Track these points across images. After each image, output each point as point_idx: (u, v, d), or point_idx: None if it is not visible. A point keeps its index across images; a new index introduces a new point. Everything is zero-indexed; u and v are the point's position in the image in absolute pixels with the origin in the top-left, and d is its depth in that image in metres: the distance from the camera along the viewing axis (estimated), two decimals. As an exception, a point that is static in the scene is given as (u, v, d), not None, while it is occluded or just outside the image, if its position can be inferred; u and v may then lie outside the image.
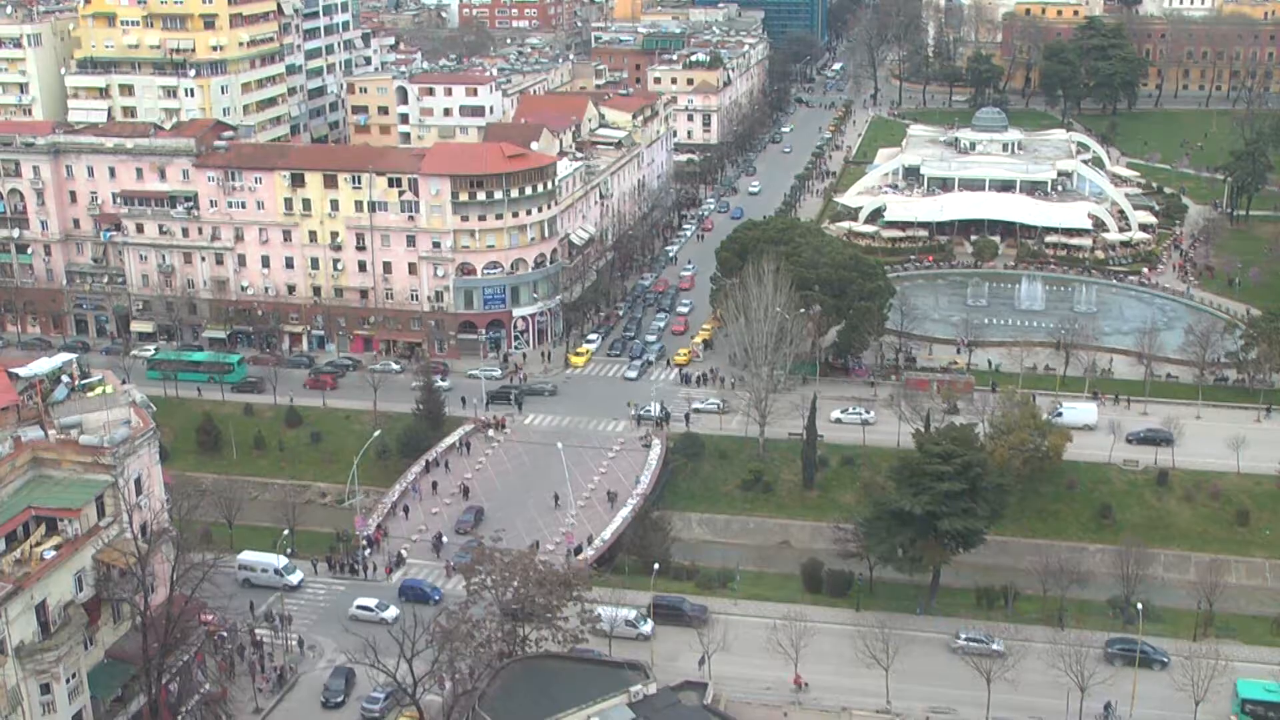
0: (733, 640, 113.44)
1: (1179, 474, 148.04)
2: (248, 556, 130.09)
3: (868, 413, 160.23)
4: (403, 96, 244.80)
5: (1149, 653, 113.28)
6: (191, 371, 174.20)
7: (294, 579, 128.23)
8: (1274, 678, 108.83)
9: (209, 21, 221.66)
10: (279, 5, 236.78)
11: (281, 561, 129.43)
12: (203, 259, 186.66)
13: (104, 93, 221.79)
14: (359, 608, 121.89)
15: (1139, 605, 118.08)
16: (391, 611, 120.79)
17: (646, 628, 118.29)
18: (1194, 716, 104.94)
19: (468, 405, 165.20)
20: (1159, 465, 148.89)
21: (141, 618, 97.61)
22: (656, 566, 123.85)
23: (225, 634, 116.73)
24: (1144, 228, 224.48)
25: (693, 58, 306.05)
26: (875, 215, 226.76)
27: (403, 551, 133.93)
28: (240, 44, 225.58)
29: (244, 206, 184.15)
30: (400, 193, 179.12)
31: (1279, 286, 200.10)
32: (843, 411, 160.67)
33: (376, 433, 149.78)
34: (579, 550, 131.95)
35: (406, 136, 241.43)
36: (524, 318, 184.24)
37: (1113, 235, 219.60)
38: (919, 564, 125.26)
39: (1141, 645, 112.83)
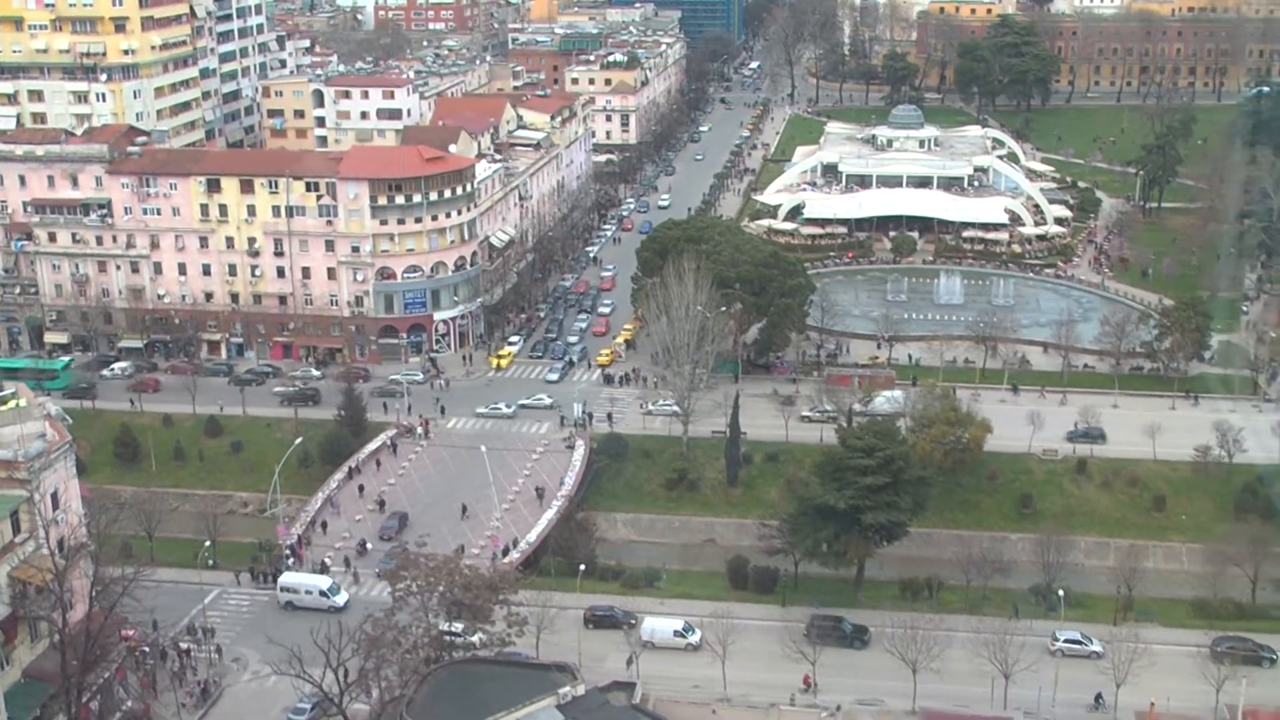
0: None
1: (1097, 462, 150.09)
2: (291, 579, 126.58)
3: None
4: (319, 100, 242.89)
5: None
6: (12, 379, 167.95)
7: (340, 600, 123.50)
8: (1192, 660, 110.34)
9: (120, 24, 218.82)
10: (191, 8, 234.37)
11: (326, 582, 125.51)
12: (118, 267, 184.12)
13: (12, 99, 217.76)
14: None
15: (1060, 592, 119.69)
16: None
17: (695, 637, 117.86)
18: (1115, 699, 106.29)
19: (389, 410, 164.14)
20: (1078, 454, 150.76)
21: (60, 635, 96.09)
22: (583, 568, 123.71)
23: (147, 649, 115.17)
24: (1059, 222, 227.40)
25: (610, 58, 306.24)
26: (794, 213, 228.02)
27: (326, 560, 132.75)
28: (152, 47, 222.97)
29: (159, 213, 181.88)
30: (318, 197, 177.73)
31: (1191, 277, 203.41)
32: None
33: (298, 440, 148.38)
34: (506, 552, 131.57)
35: (323, 140, 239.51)
36: (445, 321, 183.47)
37: (1029, 229, 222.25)
38: (844, 558, 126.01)
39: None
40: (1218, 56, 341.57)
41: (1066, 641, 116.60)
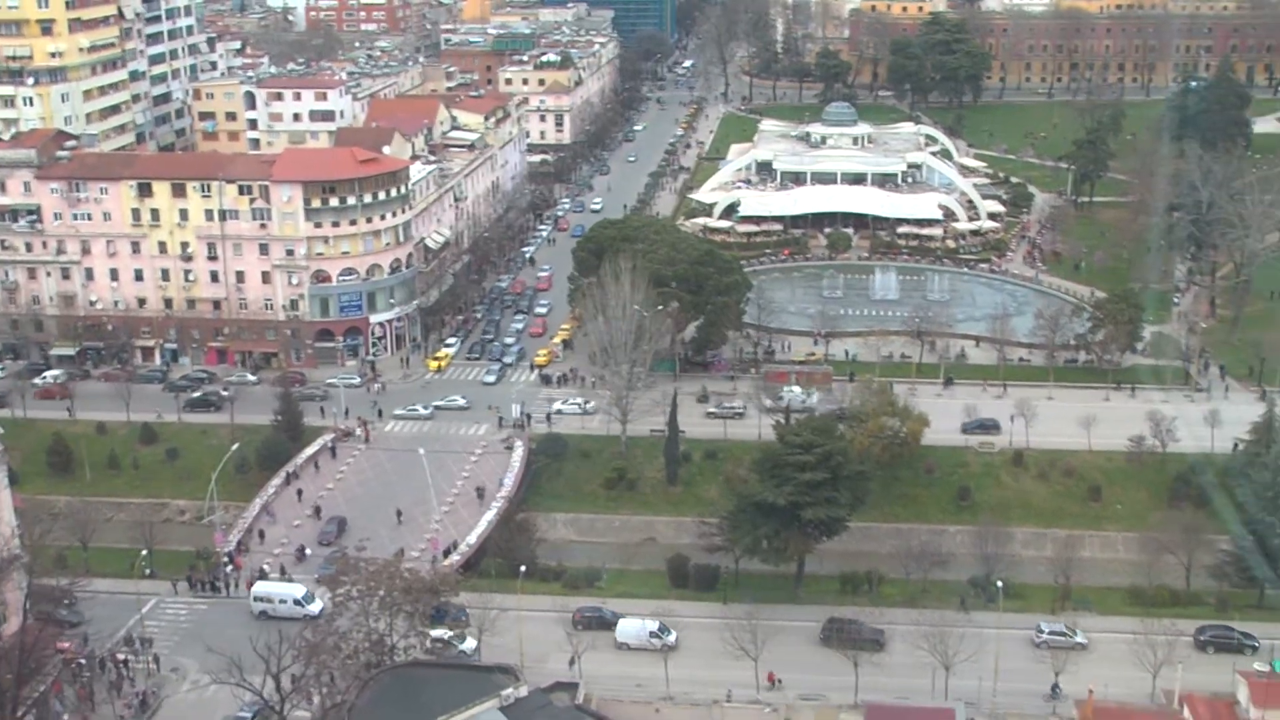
0: (602, 639, 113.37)
1: (1033, 454, 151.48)
2: (265, 588, 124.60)
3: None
4: (250, 102, 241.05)
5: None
6: None
7: (315, 608, 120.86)
8: (1129, 647, 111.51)
9: (46, 27, 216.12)
10: (119, 10, 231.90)
11: (301, 591, 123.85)
12: (48, 274, 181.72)
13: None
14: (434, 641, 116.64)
15: (999, 583, 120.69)
16: (470, 643, 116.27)
17: (671, 638, 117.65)
18: (1055, 687, 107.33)
19: (327, 414, 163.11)
20: (1014, 446, 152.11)
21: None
22: (523, 569, 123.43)
23: (84, 661, 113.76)
24: (992, 217, 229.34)
25: (543, 58, 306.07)
26: (730, 210, 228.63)
27: (265, 566, 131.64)
28: (80, 50, 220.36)
29: (90, 218, 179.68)
30: (251, 200, 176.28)
31: (1122, 270, 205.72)
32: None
33: (234, 446, 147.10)
34: (447, 554, 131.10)
35: (256, 143, 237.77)
36: (381, 324, 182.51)
37: (962, 225, 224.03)
38: (784, 554, 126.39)
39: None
40: (1145, 52, 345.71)
41: (1051, 633, 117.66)
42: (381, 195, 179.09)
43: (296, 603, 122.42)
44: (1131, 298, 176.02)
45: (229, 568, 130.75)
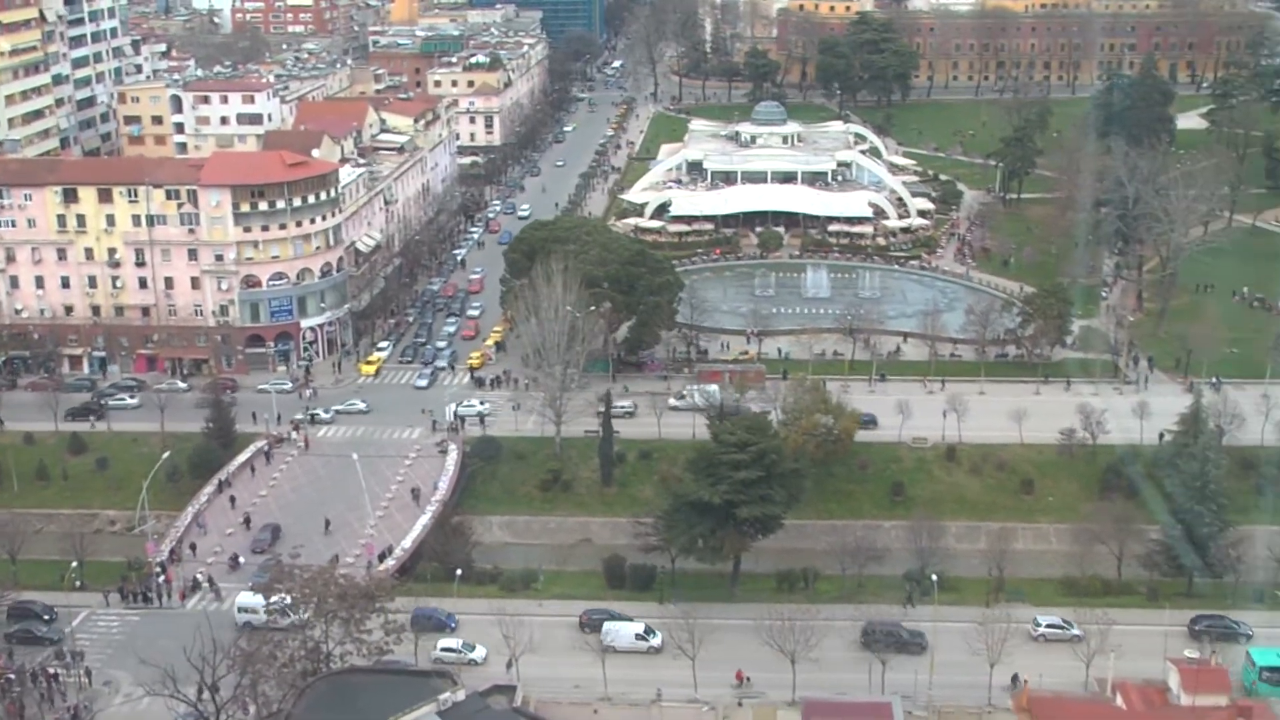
0: (540, 641, 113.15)
1: (966, 448, 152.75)
2: (249, 599, 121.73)
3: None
4: (177, 105, 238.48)
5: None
6: None
7: (477, 654, 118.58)
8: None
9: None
10: (41, 12, 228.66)
11: (287, 600, 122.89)
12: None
13: None
14: (443, 649, 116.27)
15: (934, 577, 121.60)
16: (480, 651, 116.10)
17: (657, 640, 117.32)
18: (990, 678, 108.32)
19: (259, 420, 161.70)
20: (946, 441, 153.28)
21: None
22: (459, 572, 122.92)
23: (13, 675, 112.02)
24: (922, 214, 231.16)
25: (472, 60, 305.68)
26: (661, 210, 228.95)
27: (198, 576, 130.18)
28: (1, 54, 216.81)
29: (14, 225, 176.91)
30: (179, 205, 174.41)
31: (1051, 265, 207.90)
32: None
33: (165, 454, 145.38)
34: (382, 559, 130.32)
35: (183, 147, 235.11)
36: (313, 328, 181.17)
37: (893, 222, 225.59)
38: (720, 553, 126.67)
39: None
40: (1070, 51, 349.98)
41: (1049, 626, 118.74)
42: (311, 199, 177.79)
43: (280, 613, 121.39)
44: (1060, 292, 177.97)
45: (161, 578, 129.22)
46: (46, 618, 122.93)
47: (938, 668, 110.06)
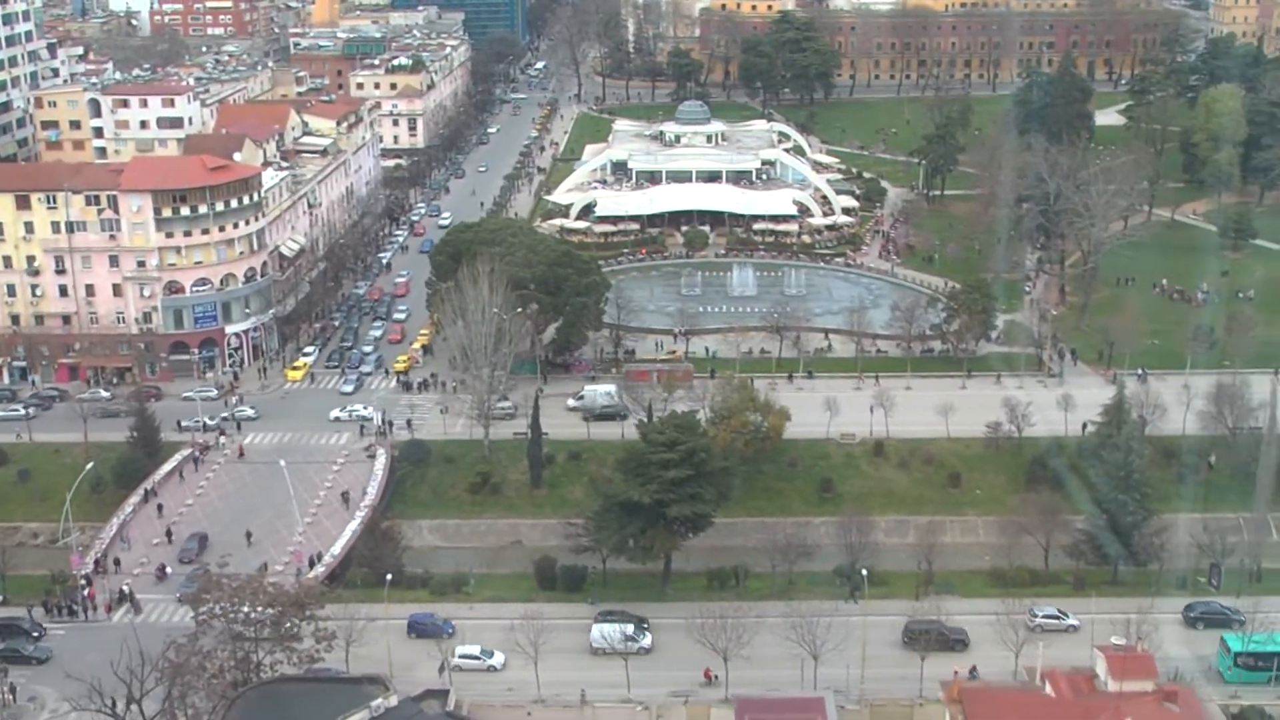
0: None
1: (893, 443, 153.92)
2: None
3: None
4: (95, 109, 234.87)
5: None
6: None
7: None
8: (991, 628, 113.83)
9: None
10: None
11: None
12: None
13: None
14: (462, 656, 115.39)
15: (864, 572, 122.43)
16: (499, 658, 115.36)
17: (646, 640, 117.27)
18: (920, 671, 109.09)
19: (184, 429, 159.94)
20: (874, 437, 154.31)
21: None
22: (390, 577, 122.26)
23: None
24: (847, 211, 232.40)
25: (395, 62, 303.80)
26: (586, 211, 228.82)
27: (125, 587, 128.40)
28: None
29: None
30: (99, 211, 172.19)
31: (975, 260, 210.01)
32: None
33: (89, 465, 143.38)
34: (312, 565, 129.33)
35: (102, 151, 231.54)
36: (237, 334, 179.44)
37: (817, 220, 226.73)
38: (650, 552, 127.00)
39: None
40: (990, 49, 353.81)
41: (1045, 617, 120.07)
42: (234, 203, 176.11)
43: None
44: (984, 288, 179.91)
45: (87, 590, 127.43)
46: (35, 634, 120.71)
47: (869, 661, 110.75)
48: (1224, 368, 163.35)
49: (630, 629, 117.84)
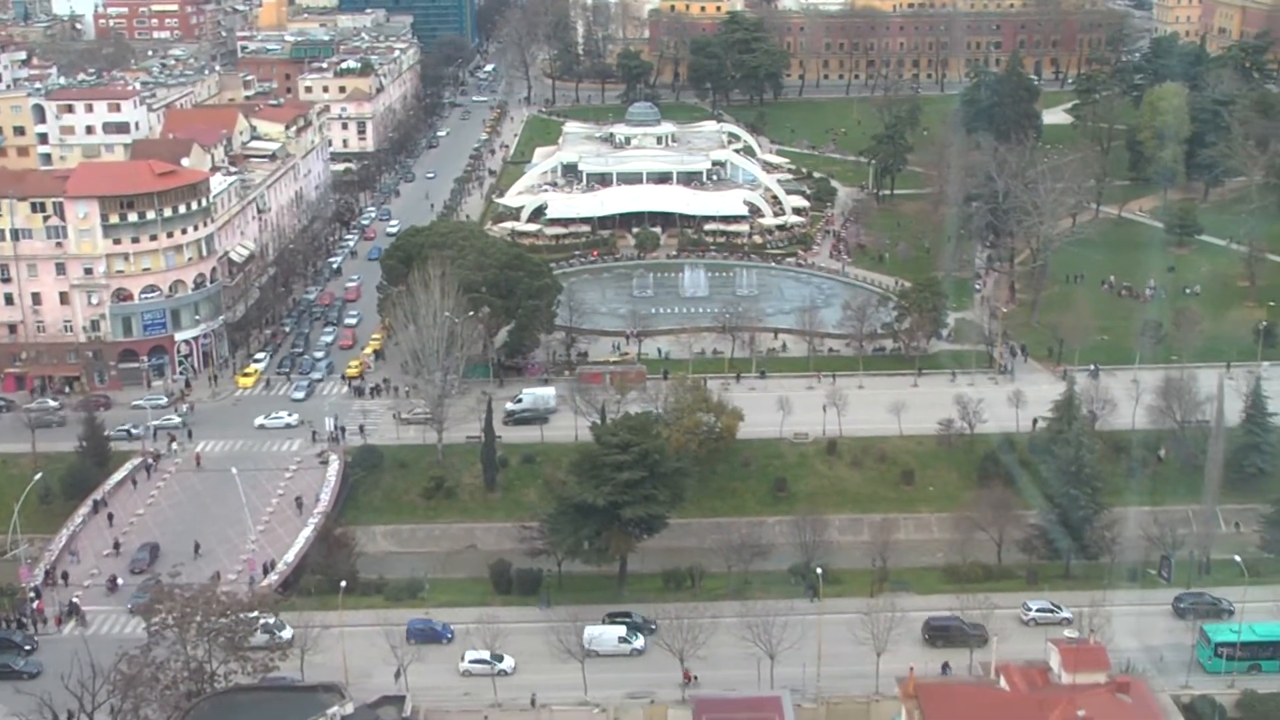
0: (428, 650, 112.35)
1: (847, 441, 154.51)
2: None
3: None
4: (40, 115, 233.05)
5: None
6: None
7: (286, 634, 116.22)
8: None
9: None
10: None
11: (270, 618, 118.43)
12: None
13: None
14: (472, 662, 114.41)
15: (819, 570, 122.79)
16: (509, 662, 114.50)
17: (640, 642, 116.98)
18: (876, 668, 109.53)
19: (134, 438, 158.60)
20: (827, 435, 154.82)
21: None
22: (344, 584, 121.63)
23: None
24: (797, 211, 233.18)
25: (343, 65, 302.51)
26: (537, 213, 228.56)
27: (75, 599, 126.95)
28: None
29: None
30: (45, 218, 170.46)
31: (925, 259, 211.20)
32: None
33: (37, 476, 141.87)
34: (266, 572, 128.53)
35: (47, 158, 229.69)
36: (187, 341, 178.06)
37: (768, 220, 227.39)
38: (605, 554, 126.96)
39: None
40: (938, 49, 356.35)
41: (1039, 611, 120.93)
42: (182, 209, 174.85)
43: (265, 630, 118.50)
44: (934, 286, 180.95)
45: (36, 603, 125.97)
46: (28, 649, 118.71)
47: (826, 659, 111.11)
48: (1172, 362, 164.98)
49: (624, 631, 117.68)
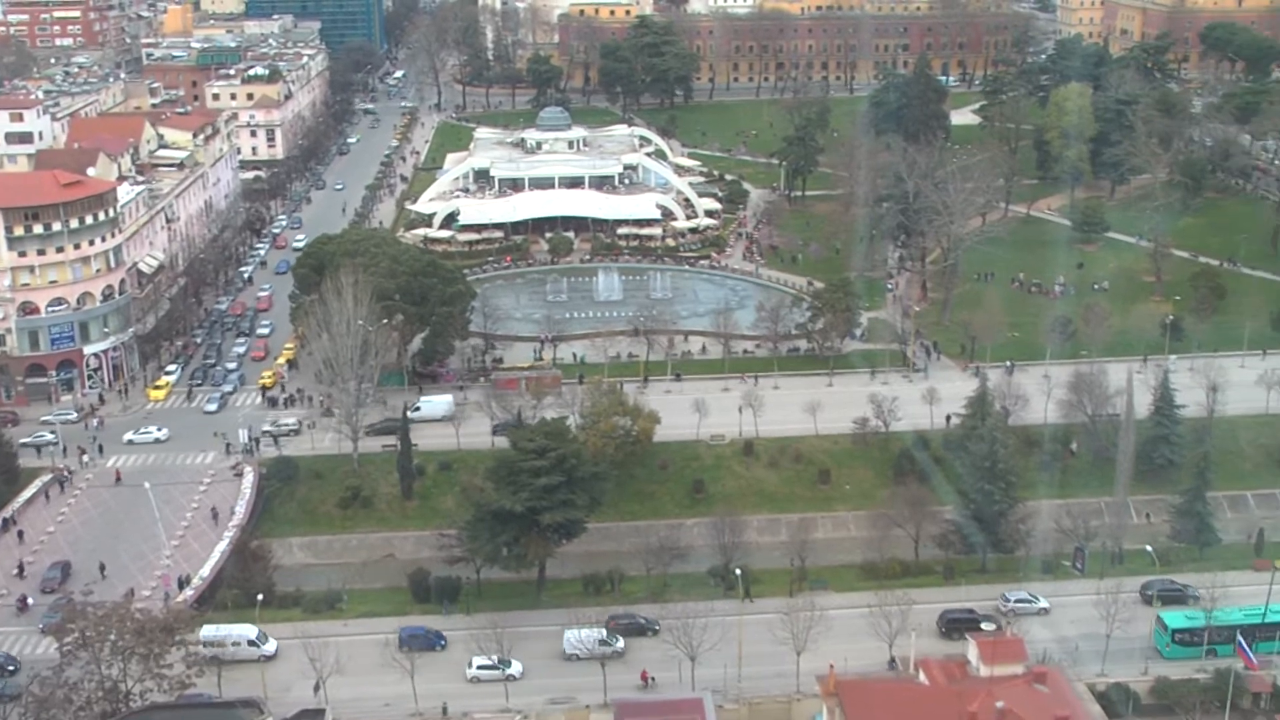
0: (346, 661, 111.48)
1: (763, 442, 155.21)
2: (214, 631, 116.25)
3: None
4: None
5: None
6: None
7: (270, 648, 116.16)
8: (865, 620, 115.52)
9: None
10: None
11: (254, 631, 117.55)
12: None
13: None
14: (480, 668, 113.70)
15: (738, 571, 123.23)
16: (517, 667, 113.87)
17: (620, 644, 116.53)
18: (797, 667, 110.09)
19: (43, 454, 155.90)
20: (744, 436, 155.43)
21: None
22: (260, 597, 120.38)
23: None
24: (710, 214, 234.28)
25: (251, 72, 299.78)
26: (450, 220, 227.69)
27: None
28: None
29: None
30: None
31: (837, 259, 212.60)
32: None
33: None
34: (182, 587, 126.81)
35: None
36: (97, 354, 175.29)
37: (681, 223, 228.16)
38: (525, 560, 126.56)
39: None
40: (846, 51, 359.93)
41: (1018, 601, 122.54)
42: (89, 219, 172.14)
43: (251, 643, 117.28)
44: (847, 286, 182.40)
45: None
46: (11, 669, 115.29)
47: (747, 659, 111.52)
48: (1082, 357, 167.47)
49: (604, 633, 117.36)
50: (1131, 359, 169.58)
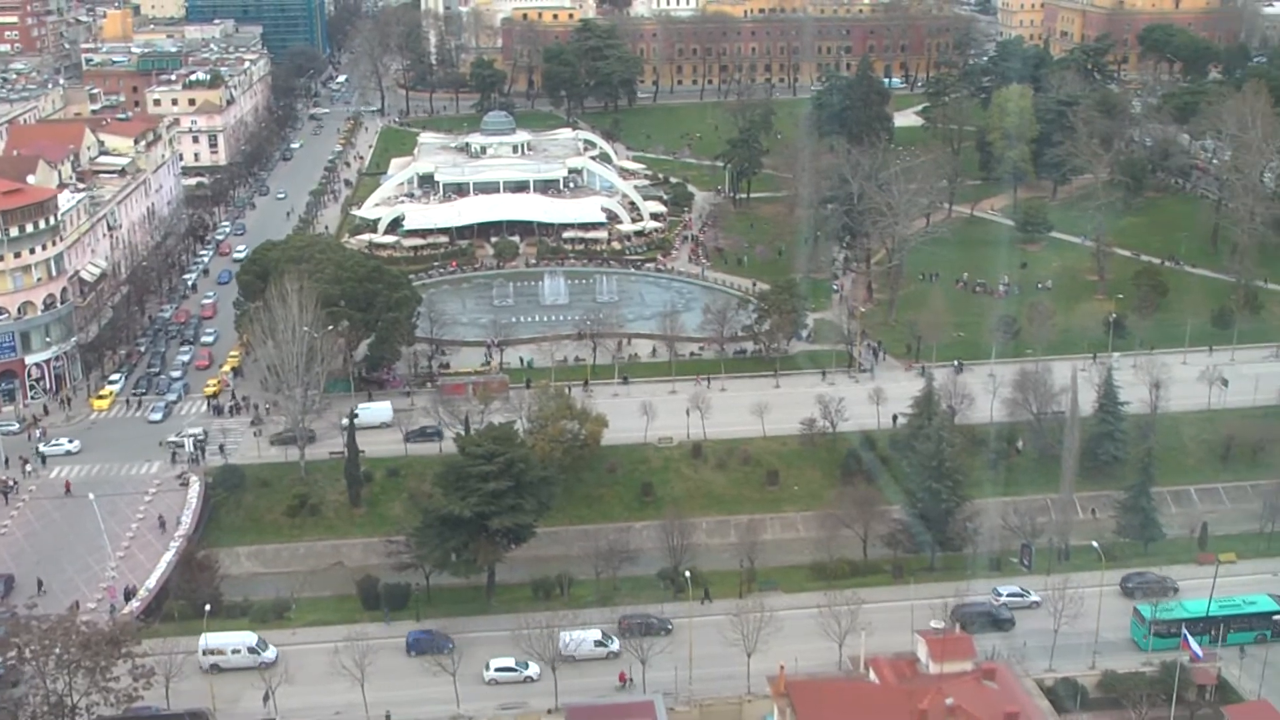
0: (296, 670, 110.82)
1: (711, 444, 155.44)
2: (215, 639, 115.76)
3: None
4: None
5: None
6: None
7: (270, 655, 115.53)
8: (814, 620, 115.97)
9: None
10: None
11: (253, 638, 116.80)
12: None
13: None
14: (498, 670, 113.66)
15: (687, 574, 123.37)
16: (534, 668, 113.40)
17: (615, 645, 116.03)
18: (747, 668, 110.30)
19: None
20: (692, 439, 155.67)
21: None
22: (208, 608, 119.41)
23: None
24: (655, 217, 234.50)
25: (192, 77, 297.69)
26: (395, 225, 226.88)
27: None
28: None
29: None
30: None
31: (783, 261, 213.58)
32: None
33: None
34: (128, 599, 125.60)
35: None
36: (39, 364, 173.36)
37: (626, 226, 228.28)
38: (474, 566, 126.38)
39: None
40: (789, 54, 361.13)
41: (1010, 595, 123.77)
42: (29, 228, 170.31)
43: (251, 650, 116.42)
44: (793, 288, 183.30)
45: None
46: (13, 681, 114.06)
47: (698, 661, 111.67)
48: (1026, 356, 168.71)
49: (599, 635, 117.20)
50: (1076, 357, 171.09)
